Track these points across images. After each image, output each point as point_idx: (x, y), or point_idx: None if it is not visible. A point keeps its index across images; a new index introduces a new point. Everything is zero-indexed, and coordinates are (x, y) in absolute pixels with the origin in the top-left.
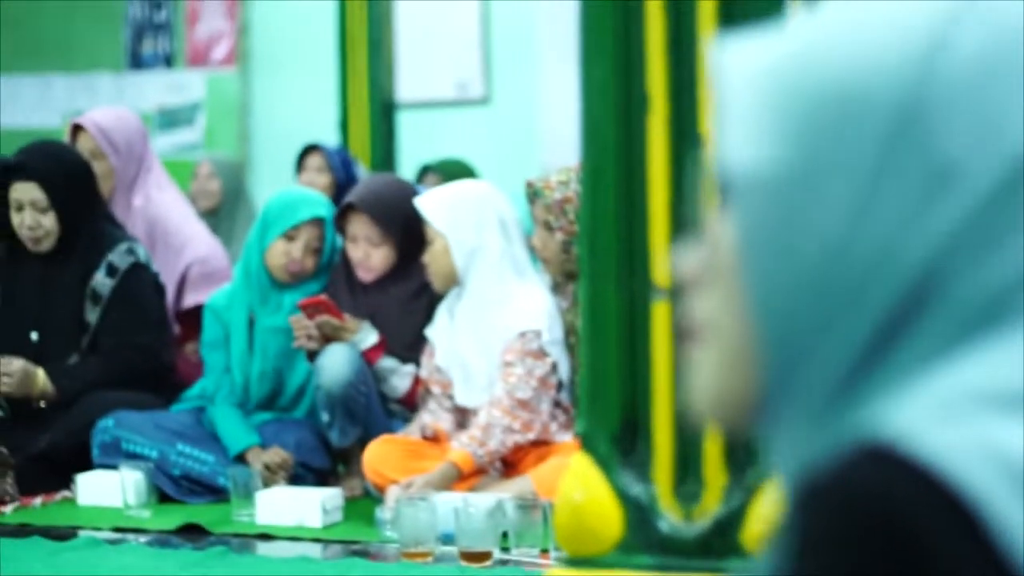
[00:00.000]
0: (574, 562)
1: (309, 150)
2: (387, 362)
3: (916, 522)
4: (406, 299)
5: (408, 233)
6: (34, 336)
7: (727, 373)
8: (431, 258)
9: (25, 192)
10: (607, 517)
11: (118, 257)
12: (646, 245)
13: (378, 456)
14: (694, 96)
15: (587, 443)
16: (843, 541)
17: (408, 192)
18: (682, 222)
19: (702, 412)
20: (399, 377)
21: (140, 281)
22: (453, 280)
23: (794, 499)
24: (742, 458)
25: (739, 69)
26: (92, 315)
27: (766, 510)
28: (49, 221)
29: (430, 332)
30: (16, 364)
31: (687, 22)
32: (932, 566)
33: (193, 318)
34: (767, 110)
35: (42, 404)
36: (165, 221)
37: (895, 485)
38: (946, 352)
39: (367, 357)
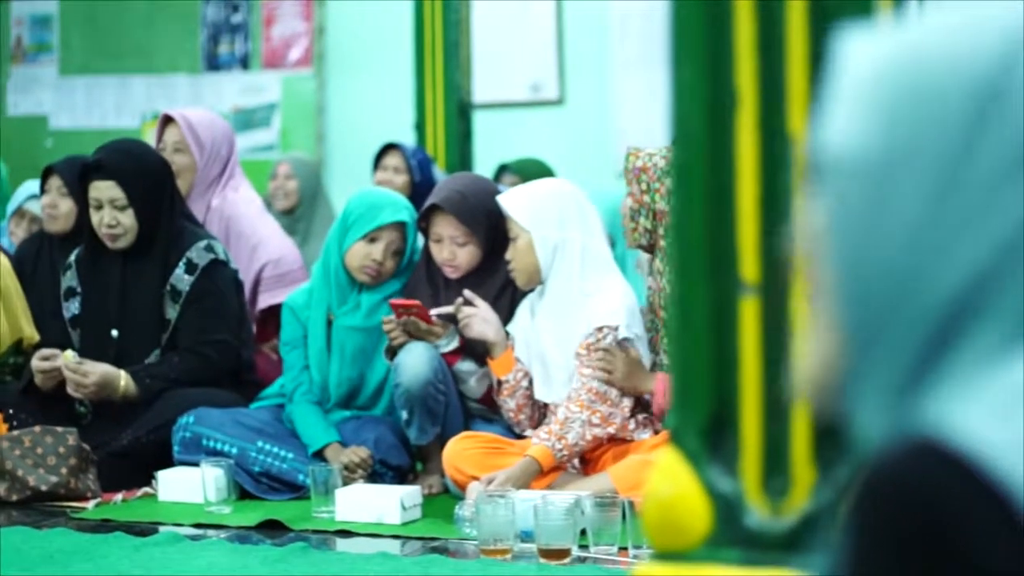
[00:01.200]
0: (661, 556)
1: (387, 149)
2: (466, 364)
3: (961, 518)
4: (490, 296)
5: (492, 231)
6: (114, 333)
7: (827, 357)
8: (514, 255)
9: (104, 191)
10: (695, 512)
11: (197, 254)
12: (734, 242)
13: (458, 452)
14: (783, 94)
15: (676, 438)
16: (890, 533)
17: (490, 190)
18: (770, 219)
19: (806, 396)
20: (478, 379)
21: (219, 278)
22: (536, 276)
23: (854, 486)
24: (831, 454)
25: (854, 60)
26: (172, 312)
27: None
28: (127, 219)
29: (512, 328)
30: (94, 375)
31: (777, 21)
32: (974, 561)
33: (269, 318)
34: (868, 99)
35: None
36: (240, 221)
37: (944, 480)
38: (1005, 350)
39: (447, 359)
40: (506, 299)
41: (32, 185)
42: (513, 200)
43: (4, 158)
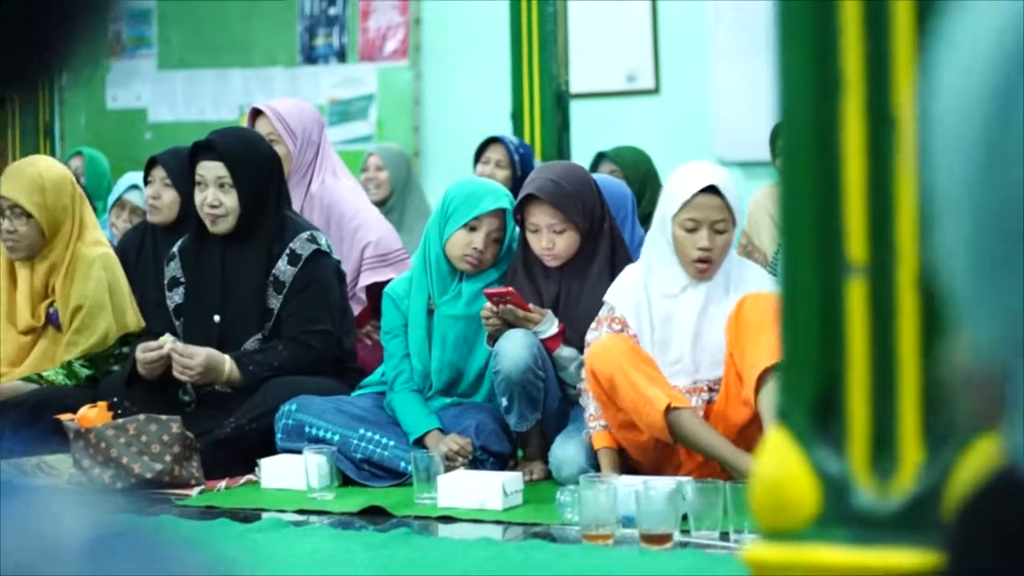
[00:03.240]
0: (768, 537)
1: (489, 142)
2: (565, 351)
3: None
4: (588, 282)
5: (588, 216)
6: (216, 319)
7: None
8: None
9: (210, 170)
10: (803, 492)
11: (300, 245)
12: (841, 224)
13: (609, 347)
14: (889, 79)
15: (783, 418)
16: (996, 537)
17: (585, 177)
18: (877, 200)
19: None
20: (577, 365)
21: (321, 269)
22: None
23: (980, 485)
24: (939, 436)
25: (964, 28)
26: (274, 302)
27: (962, 487)
28: (230, 200)
29: (619, 306)
30: (199, 356)
31: (883, 5)
32: None
33: (371, 299)
34: (980, 70)
35: (227, 390)
36: (340, 205)
37: None
38: None
39: (546, 346)
40: (604, 283)
41: (132, 176)
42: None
43: (104, 151)
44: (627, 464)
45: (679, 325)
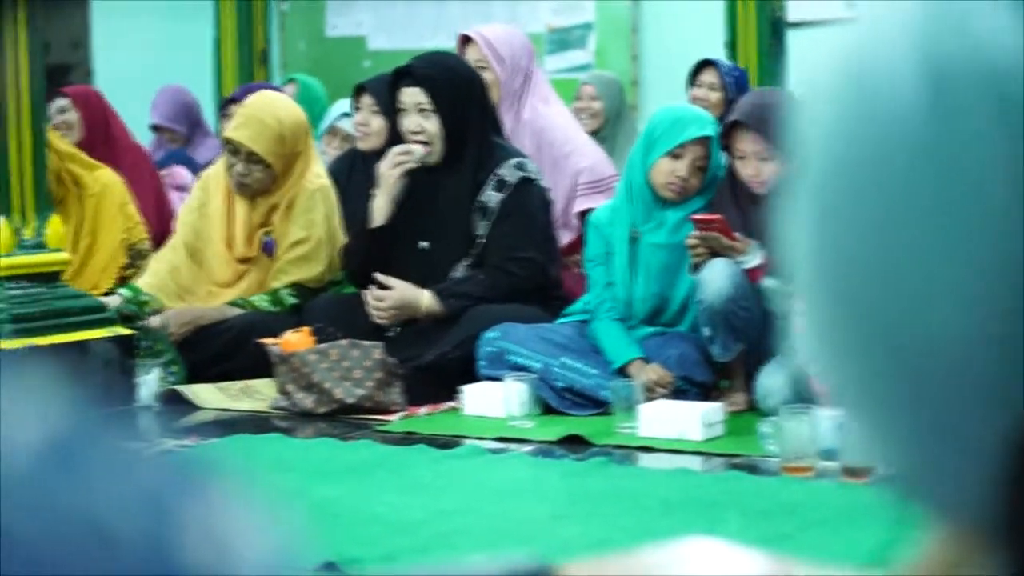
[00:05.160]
0: None
1: (703, 66)
2: (770, 282)
3: None
4: None
5: None
6: (423, 245)
7: None
8: None
9: (410, 96)
10: None
11: (508, 172)
12: None
13: None
14: None
15: None
16: None
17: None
18: None
19: None
20: (781, 297)
21: (529, 196)
22: None
23: None
24: None
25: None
26: (481, 228)
27: None
28: (432, 126)
29: None
30: (391, 297)
31: None
32: None
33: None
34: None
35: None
36: (552, 132)
37: None
38: None
39: (750, 275)
40: None
41: (344, 104)
42: None
43: (323, 79)
44: None
45: None
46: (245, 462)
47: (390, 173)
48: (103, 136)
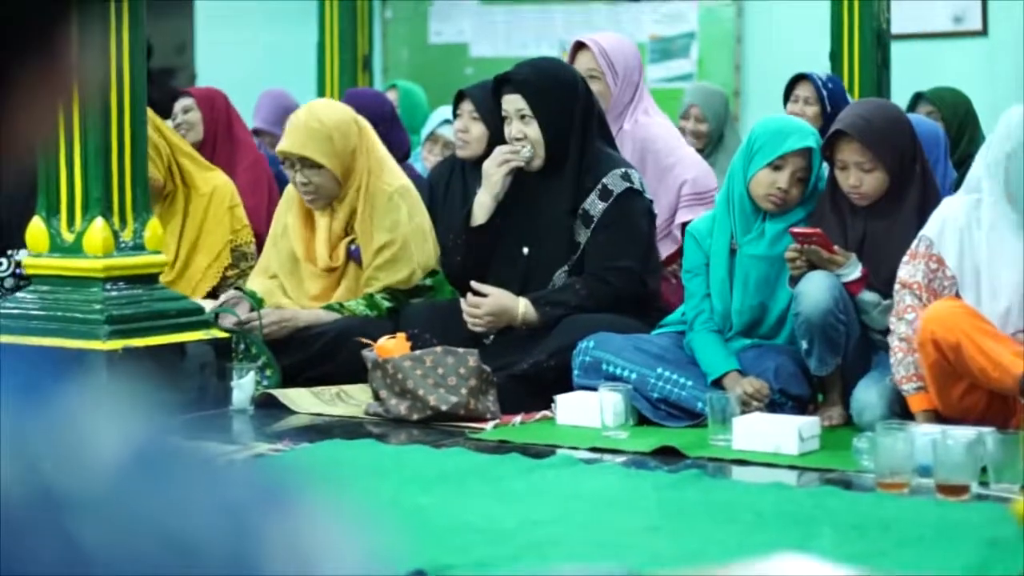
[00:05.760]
0: None
1: (797, 80)
2: (868, 295)
3: None
4: (897, 225)
5: (898, 157)
6: (525, 251)
7: None
8: None
9: (511, 103)
10: None
11: (612, 181)
12: None
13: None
14: None
15: None
16: None
17: (897, 115)
18: None
19: None
20: (881, 311)
21: (632, 206)
22: None
23: None
24: None
25: None
26: (582, 236)
27: None
28: (533, 131)
29: (931, 233)
30: (487, 304)
31: None
32: None
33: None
34: None
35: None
36: (655, 143)
37: None
38: None
39: (848, 289)
40: (912, 226)
41: (445, 110)
42: None
43: (425, 85)
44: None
45: (1007, 271)
46: (337, 468)
47: (495, 171)
48: (225, 137)
